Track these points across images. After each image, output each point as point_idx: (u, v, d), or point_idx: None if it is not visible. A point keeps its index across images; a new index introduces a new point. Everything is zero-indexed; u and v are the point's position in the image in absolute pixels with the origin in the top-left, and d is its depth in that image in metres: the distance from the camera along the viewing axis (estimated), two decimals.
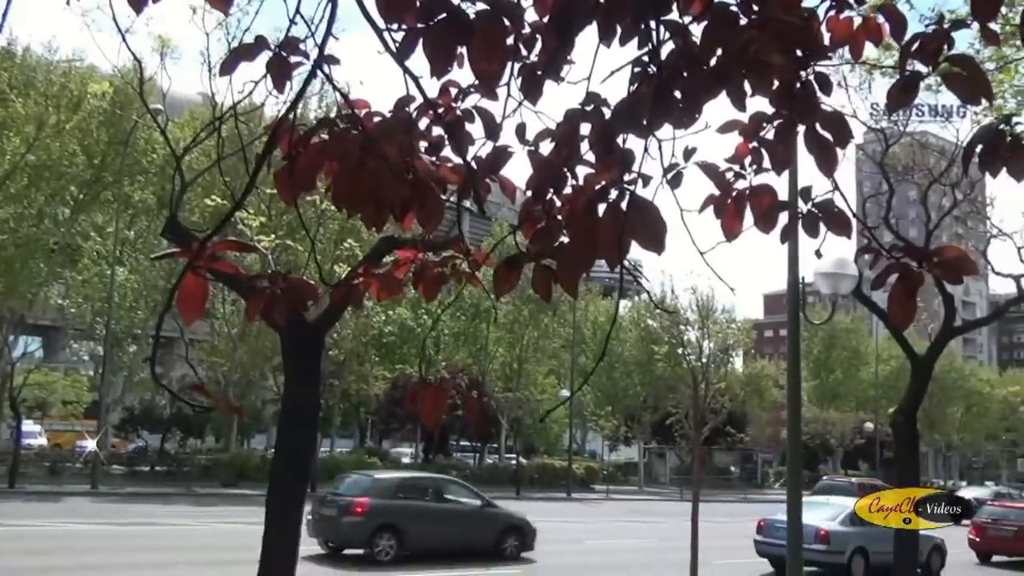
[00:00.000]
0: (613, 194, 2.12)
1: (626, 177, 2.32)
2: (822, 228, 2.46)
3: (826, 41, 2.77)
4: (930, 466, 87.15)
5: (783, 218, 2.67)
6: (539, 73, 2.66)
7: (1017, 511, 29.64)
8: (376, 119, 2.44)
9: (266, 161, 2.32)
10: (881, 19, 2.74)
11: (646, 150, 2.13)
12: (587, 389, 61.09)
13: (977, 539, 28.91)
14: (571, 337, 53.52)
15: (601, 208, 2.30)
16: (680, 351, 44.42)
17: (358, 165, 2.23)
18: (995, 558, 28.69)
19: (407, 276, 3.14)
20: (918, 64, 2.60)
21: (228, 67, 2.37)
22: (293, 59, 2.29)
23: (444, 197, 2.85)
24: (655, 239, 2.03)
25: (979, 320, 26.10)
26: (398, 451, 56.20)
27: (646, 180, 2.09)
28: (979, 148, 2.03)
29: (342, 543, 20.82)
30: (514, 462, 52.39)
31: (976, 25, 2.71)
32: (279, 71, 2.29)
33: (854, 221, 2.66)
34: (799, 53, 2.65)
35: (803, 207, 2.43)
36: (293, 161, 2.35)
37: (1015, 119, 2.06)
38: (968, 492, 50.34)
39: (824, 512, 22.74)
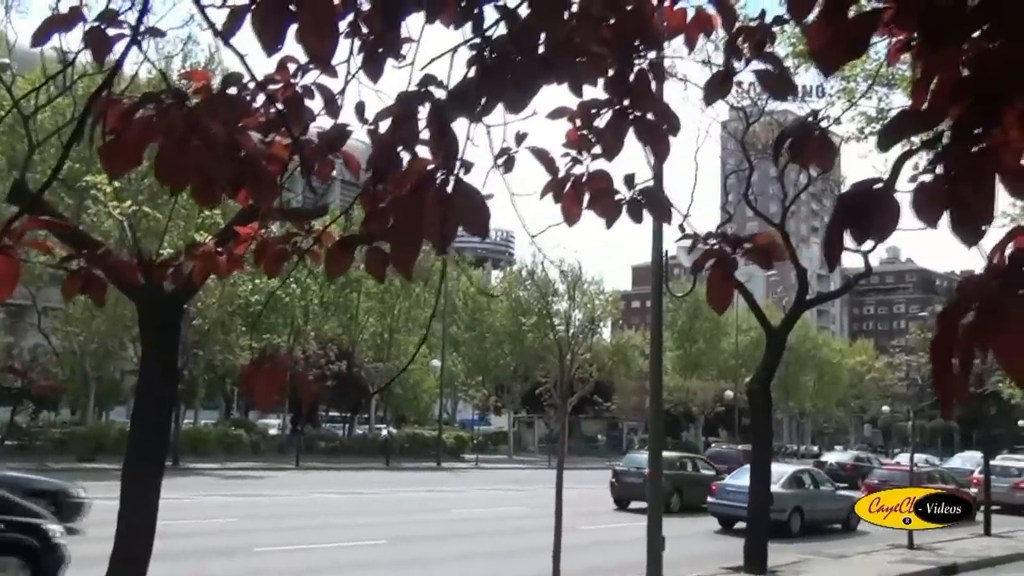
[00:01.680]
0: (441, 178, 2.14)
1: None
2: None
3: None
4: (785, 432, 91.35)
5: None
6: (380, 51, 2.66)
7: (902, 473, 31.94)
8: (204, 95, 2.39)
9: (86, 133, 2.24)
10: (712, 11, 2.84)
11: (468, 138, 2.15)
12: (458, 359, 61.30)
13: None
14: (442, 307, 53.52)
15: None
16: (549, 321, 45.03)
17: (182, 141, 2.18)
18: None
19: (248, 252, 3.09)
20: (752, 59, 2.72)
21: (40, 37, 2.28)
22: (113, 31, 2.22)
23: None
24: (479, 224, 2.07)
25: (830, 293, 27.34)
26: (265, 422, 55.17)
27: (468, 166, 2.12)
28: (788, 142, 2.14)
29: None
30: (384, 432, 52.25)
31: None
32: (97, 43, 2.21)
33: (718, 196, 2.76)
34: (636, 42, 2.73)
35: (627, 194, 2.51)
36: (118, 135, 2.28)
37: (821, 114, 2.17)
38: (831, 457, 53.27)
39: None
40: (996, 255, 2.52)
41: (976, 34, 1.43)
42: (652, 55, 2.73)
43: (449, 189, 2.08)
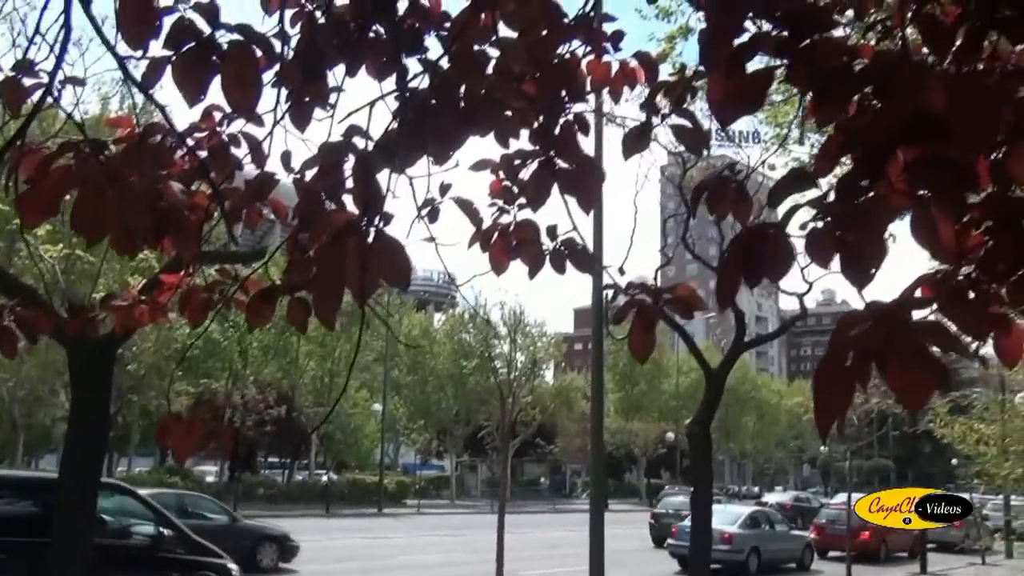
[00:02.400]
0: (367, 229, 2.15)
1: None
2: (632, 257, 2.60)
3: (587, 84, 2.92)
4: (726, 473, 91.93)
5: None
6: (306, 101, 2.67)
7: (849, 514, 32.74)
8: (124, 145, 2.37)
9: (2, 182, 2.21)
10: (635, 64, 2.91)
11: (389, 189, 2.17)
12: (400, 403, 60.79)
13: (817, 537, 32.31)
14: (384, 350, 53.14)
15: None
16: (492, 364, 44.96)
17: (98, 192, 2.16)
18: (831, 553, 31.59)
19: (172, 301, 3.06)
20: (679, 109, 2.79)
21: None
22: (29, 81, 2.20)
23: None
24: (399, 276, 2.08)
25: (767, 335, 27.75)
26: (202, 470, 53.95)
27: (388, 218, 2.13)
28: (705, 194, 2.20)
29: None
30: (324, 478, 51.42)
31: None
32: (13, 93, 2.19)
33: (658, 239, 2.81)
34: (563, 94, 2.79)
35: (549, 244, 2.54)
36: (35, 185, 2.25)
37: (738, 165, 2.23)
38: (771, 497, 53.88)
39: (724, 517, 26.20)
40: (907, 294, 2.60)
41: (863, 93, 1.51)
42: (577, 107, 2.79)
43: (369, 240, 2.09)
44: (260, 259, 3.88)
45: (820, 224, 1.57)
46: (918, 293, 2.62)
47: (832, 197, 1.57)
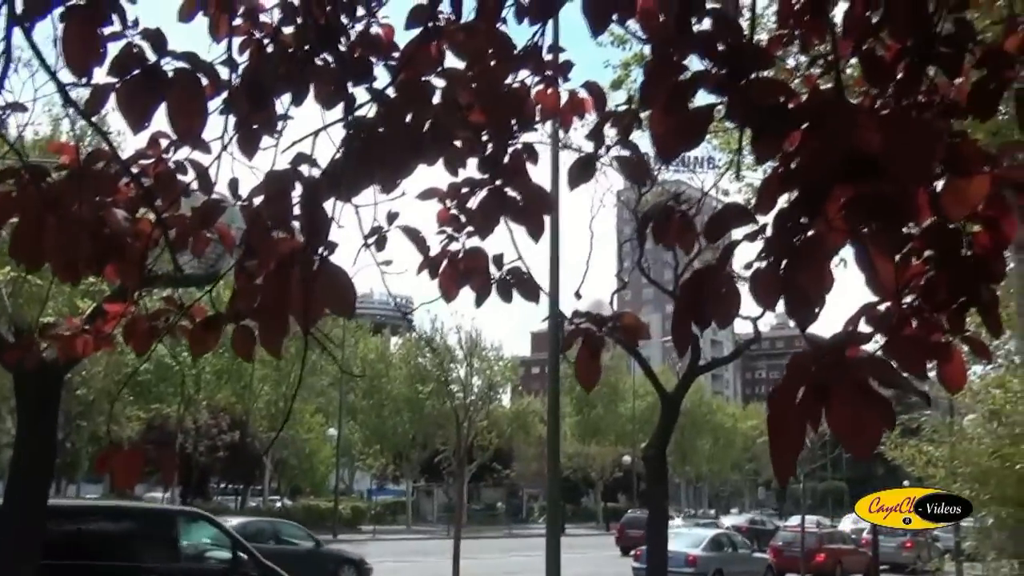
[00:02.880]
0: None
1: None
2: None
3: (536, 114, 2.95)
4: (683, 496, 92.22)
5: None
6: (254, 128, 2.66)
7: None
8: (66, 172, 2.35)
9: None
10: (584, 94, 2.95)
11: (333, 218, 2.16)
12: (355, 427, 60.27)
13: (775, 560, 32.77)
14: (339, 374, 52.70)
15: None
16: (448, 388, 44.80)
17: (37, 220, 2.13)
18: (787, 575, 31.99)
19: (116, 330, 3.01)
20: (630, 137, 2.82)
21: None
22: None
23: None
24: (343, 305, 2.07)
25: (722, 359, 27.91)
26: (152, 496, 53.00)
27: (332, 246, 2.13)
28: (651, 224, 2.22)
29: None
30: (278, 504, 50.74)
31: None
32: None
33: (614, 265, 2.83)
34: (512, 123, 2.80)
35: (496, 273, 2.55)
36: None
37: (685, 194, 2.26)
38: (727, 520, 54.25)
39: (688, 540, 27.55)
40: (849, 327, 2.65)
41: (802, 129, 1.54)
42: (528, 136, 2.81)
43: (314, 269, 2.08)
44: (213, 283, 3.85)
45: (763, 264, 1.59)
46: (863, 323, 2.66)
47: (770, 232, 1.59)
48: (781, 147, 1.60)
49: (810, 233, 1.58)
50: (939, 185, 2.04)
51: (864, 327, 2.10)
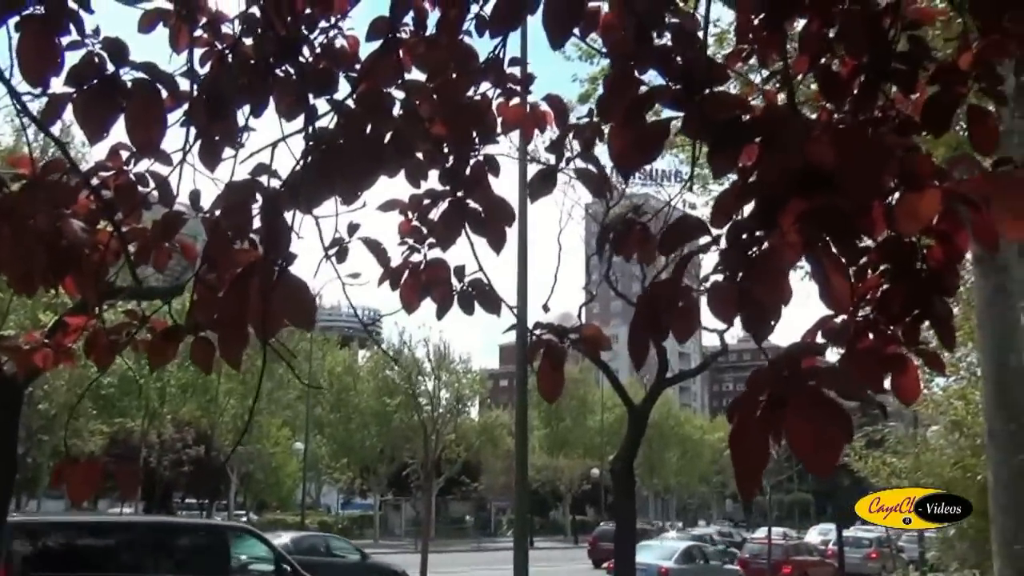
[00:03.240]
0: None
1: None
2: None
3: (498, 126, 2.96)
4: (651, 509, 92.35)
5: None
6: (216, 140, 2.64)
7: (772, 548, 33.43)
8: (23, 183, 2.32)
9: None
10: (546, 107, 2.96)
11: (292, 228, 2.15)
12: (322, 441, 59.81)
13: (743, 571, 32.97)
14: (306, 388, 52.28)
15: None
16: (416, 401, 44.62)
17: None
18: None
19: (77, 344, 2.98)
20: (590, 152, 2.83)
21: None
22: None
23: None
24: (303, 317, 2.06)
25: (689, 371, 28.04)
26: (115, 512, 52.24)
27: (291, 258, 2.12)
28: (611, 236, 2.24)
29: None
30: (244, 519, 50.20)
31: None
32: None
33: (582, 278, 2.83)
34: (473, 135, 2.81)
35: (457, 285, 2.55)
36: None
37: (642, 209, 2.28)
38: (695, 532, 54.53)
39: (659, 552, 28.10)
40: (808, 338, 2.67)
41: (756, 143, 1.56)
42: (490, 148, 2.82)
43: (272, 281, 2.07)
44: (177, 295, 3.82)
45: (720, 277, 1.61)
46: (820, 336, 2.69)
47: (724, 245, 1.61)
48: (737, 161, 1.62)
49: (766, 246, 1.59)
50: (895, 199, 2.07)
51: (821, 339, 2.12)
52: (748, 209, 1.89)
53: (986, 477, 11.99)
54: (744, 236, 1.58)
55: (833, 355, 2.75)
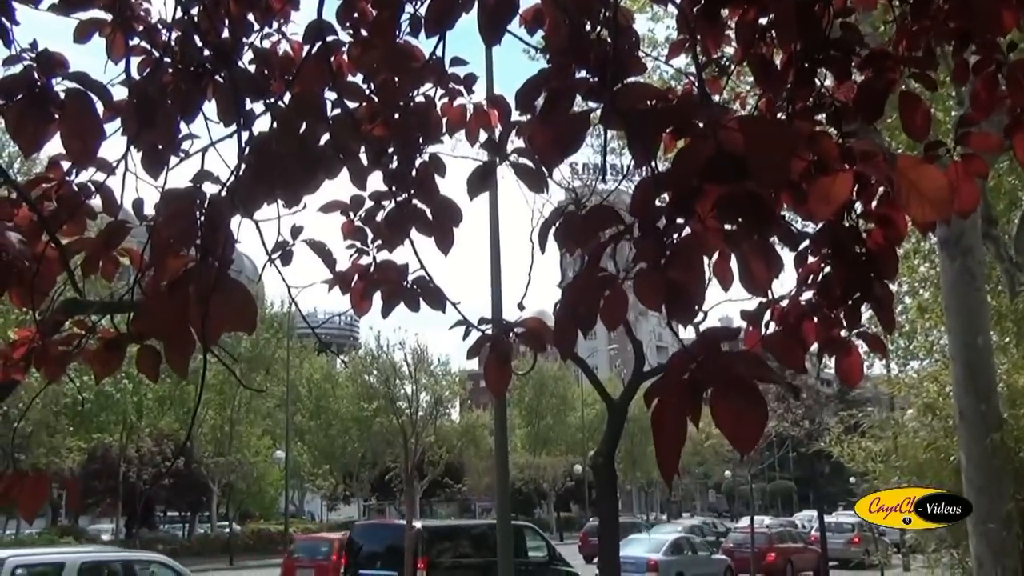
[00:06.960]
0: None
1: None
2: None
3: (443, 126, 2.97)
4: (635, 502, 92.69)
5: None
6: (159, 148, 2.64)
7: (757, 535, 33.65)
8: None
9: None
10: (486, 106, 2.98)
11: (230, 235, 2.16)
12: (303, 448, 59.57)
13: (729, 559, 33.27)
14: (285, 396, 52.09)
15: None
16: (394, 405, 44.50)
17: None
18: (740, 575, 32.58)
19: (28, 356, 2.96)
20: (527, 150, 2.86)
21: None
22: None
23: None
24: (244, 321, 2.06)
25: (665, 365, 28.26)
26: (97, 528, 51.81)
27: (226, 263, 2.12)
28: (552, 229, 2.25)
29: None
30: (227, 530, 49.94)
31: None
32: None
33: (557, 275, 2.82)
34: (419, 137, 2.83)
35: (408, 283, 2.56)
36: None
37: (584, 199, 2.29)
38: (691, 522, 55.01)
39: (648, 545, 28.63)
40: (752, 325, 2.71)
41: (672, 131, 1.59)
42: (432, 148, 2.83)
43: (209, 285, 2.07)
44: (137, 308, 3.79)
45: (644, 265, 1.64)
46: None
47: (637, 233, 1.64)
48: (653, 149, 1.65)
49: (686, 232, 1.62)
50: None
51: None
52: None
53: (959, 458, 12.12)
54: (654, 224, 1.61)
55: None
